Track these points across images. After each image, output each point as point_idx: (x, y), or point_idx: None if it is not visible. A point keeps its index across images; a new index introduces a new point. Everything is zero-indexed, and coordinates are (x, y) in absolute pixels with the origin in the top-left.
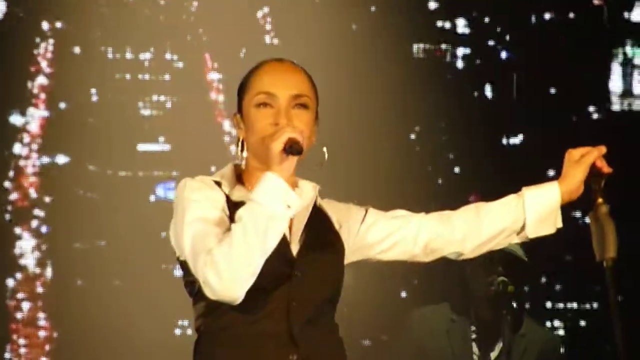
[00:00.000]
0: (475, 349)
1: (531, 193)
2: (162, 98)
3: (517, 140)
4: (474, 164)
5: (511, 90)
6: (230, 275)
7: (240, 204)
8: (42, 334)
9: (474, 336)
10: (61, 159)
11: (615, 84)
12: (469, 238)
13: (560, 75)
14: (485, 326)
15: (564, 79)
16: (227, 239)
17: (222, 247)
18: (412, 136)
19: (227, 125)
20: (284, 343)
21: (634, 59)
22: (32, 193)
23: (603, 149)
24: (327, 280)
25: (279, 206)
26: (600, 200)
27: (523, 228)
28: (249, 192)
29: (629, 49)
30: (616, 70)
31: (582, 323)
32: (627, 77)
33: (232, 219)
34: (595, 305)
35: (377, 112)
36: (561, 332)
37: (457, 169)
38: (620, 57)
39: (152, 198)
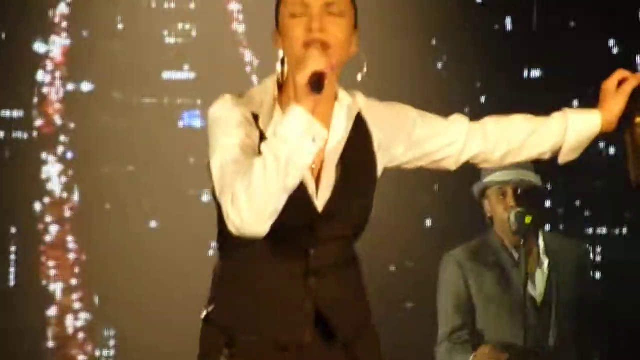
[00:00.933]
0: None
1: (575, 120)
2: (187, 26)
3: (537, 73)
4: (499, 94)
5: (531, 23)
6: (250, 211)
7: None
8: (71, 256)
9: (517, 260)
10: (86, 86)
11: None
12: (506, 156)
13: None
14: (519, 257)
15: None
16: (248, 174)
17: (243, 183)
18: (439, 65)
19: (248, 54)
20: (299, 290)
21: None
22: (57, 119)
23: None
24: (352, 223)
25: (301, 140)
26: (638, 119)
27: (556, 151)
28: None
29: None
30: None
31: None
32: None
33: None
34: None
35: (405, 42)
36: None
37: (482, 98)
38: None
39: (179, 124)
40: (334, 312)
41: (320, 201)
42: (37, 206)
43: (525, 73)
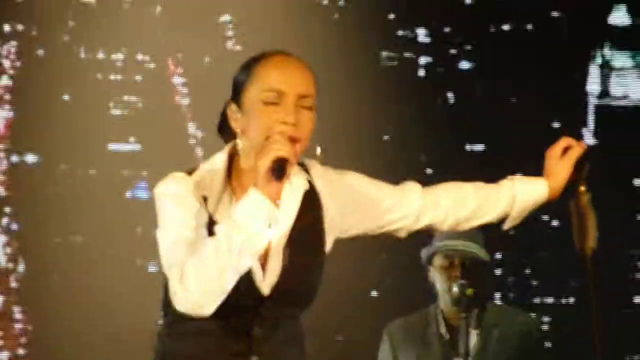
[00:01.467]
0: (450, 352)
1: (523, 190)
2: (133, 98)
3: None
4: (444, 167)
5: (472, 99)
6: (198, 292)
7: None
8: (17, 326)
9: (447, 338)
10: (30, 158)
11: (593, 86)
12: (454, 226)
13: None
14: (453, 329)
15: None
16: (199, 253)
17: (194, 263)
18: (386, 137)
19: (191, 127)
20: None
21: (612, 62)
22: (1, 191)
23: (584, 145)
24: (299, 304)
25: (258, 227)
26: (582, 188)
27: (503, 219)
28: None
29: (607, 52)
30: (594, 73)
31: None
32: (605, 80)
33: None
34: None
35: (350, 116)
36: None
37: (429, 170)
38: (599, 60)
39: (126, 196)
40: None
41: (267, 284)
42: None
43: (468, 147)
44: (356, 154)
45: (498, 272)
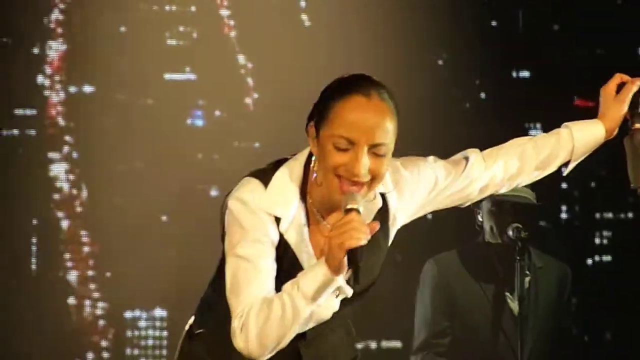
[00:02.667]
0: (505, 289)
1: (581, 136)
2: (188, 29)
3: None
4: (497, 91)
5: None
6: (258, 346)
7: (290, 249)
8: (85, 249)
9: (501, 276)
10: (88, 89)
11: None
12: (515, 180)
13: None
14: (504, 269)
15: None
16: (264, 312)
17: (257, 320)
18: (440, 62)
19: (241, 59)
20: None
21: None
22: (61, 121)
23: (639, 81)
24: (361, 299)
25: (325, 299)
26: (637, 125)
27: (559, 167)
28: (302, 238)
29: None
30: None
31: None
32: None
33: (279, 257)
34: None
35: (406, 39)
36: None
37: (482, 95)
38: None
39: (183, 124)
40: None
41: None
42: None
43: (514, 73)
44: (410, 77)
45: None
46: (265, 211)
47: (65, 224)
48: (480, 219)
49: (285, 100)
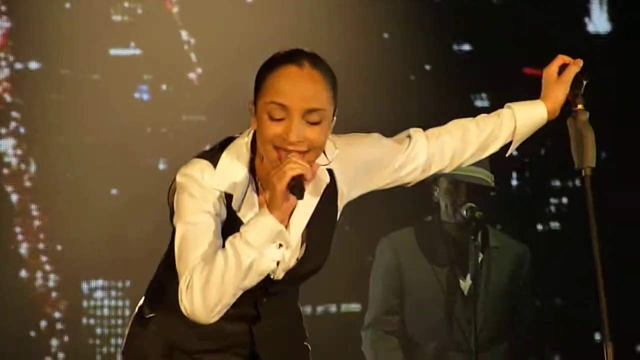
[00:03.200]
0: (456, 268)
1: (523, 116)
2: (133, 5)
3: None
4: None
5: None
6: (202, 304)
7: (240, 223)
8: (35, 223)
9: (453, 257)
10: (33, 65)
11: None
12: (457, 160)
13: None
14: (457, 249)
15: None
16: (208, 266)
17: (201, 276)
18: (386, 35)
19: (184, 34)
20: (243, 333)
21: None
22: (7, 97)
23: (580, 62)
24: (309, 277)
25: (268, 248)
26: (580, 106)
27: (501, 148)
28: (255, 211)
29: None
30: None
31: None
32: None
33: (229, 229)
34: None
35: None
36: None
37: (427, 67)
38: None
39: (129, 98)
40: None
41: (281, 269)
42: None
43: (457, 45)
44: (357, 53)
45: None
46: (215, 188)
47: (14, 198)
48: (437, 197)
49: (229, 75)
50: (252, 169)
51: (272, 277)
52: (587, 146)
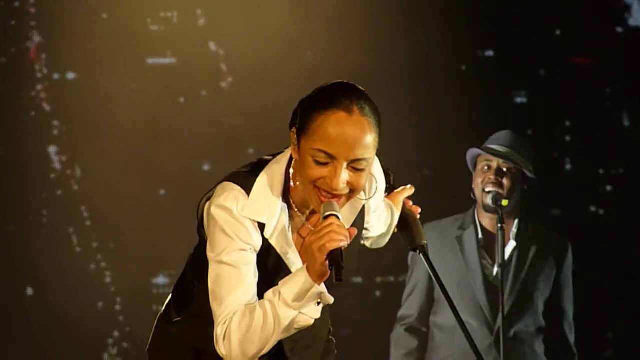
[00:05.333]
0: (485, 255)
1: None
2: (169, 14)
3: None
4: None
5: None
6: (240, 353)
7: (274, 252)
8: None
9: (482, 243)
10: (70, 75)
11: None
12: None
13: None
14: (489, 236)
15: None
16: (246, 320)
17: (239, 328)
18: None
19: (212, 46)
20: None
21: None
22: (46, 107)
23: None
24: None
25: (307, 307)
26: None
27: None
28: (287, 242)
29: None
30: None
31: None
32: None
33: (264, 261)
34: None
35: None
36: None
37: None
38: None
39: (167, 105)
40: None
41: None
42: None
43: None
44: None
45: None
46: (249, 218)
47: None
48: (474, 184)
49: (258, 82)
50: (285, 194)
51: None
52: (418, 227)
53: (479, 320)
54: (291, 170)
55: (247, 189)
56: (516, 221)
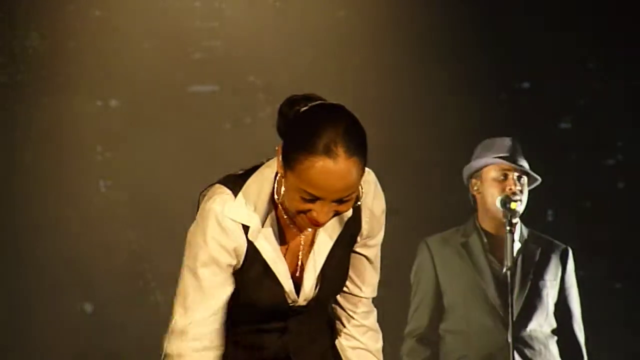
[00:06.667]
0: (492, 258)
1: None
2: (212, 43)
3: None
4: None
5: None
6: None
7: (260, 256)
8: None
9: (487, 247)
10: (113, 103)
11: None
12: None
13: None
14: (494, 239)
15: None
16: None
17: (180, 347)
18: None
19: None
20: (275, 342)
21: None
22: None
23: None
24: (333, 299)
25: None
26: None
27: None
28: (272, 245)
29: None
30: None
31: None
32: None
33: (250, 264)
34: None
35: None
36: None
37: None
38: None
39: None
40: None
41: (302, 299)
42: None
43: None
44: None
45: None
46: (232, 219)
47: None
48: (473, 192)
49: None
50: (273, 198)
51: (294, 305)
52: None
53: (494, 320)
54: (279, 177)
55: (235, 191)
56: (520, 224)
